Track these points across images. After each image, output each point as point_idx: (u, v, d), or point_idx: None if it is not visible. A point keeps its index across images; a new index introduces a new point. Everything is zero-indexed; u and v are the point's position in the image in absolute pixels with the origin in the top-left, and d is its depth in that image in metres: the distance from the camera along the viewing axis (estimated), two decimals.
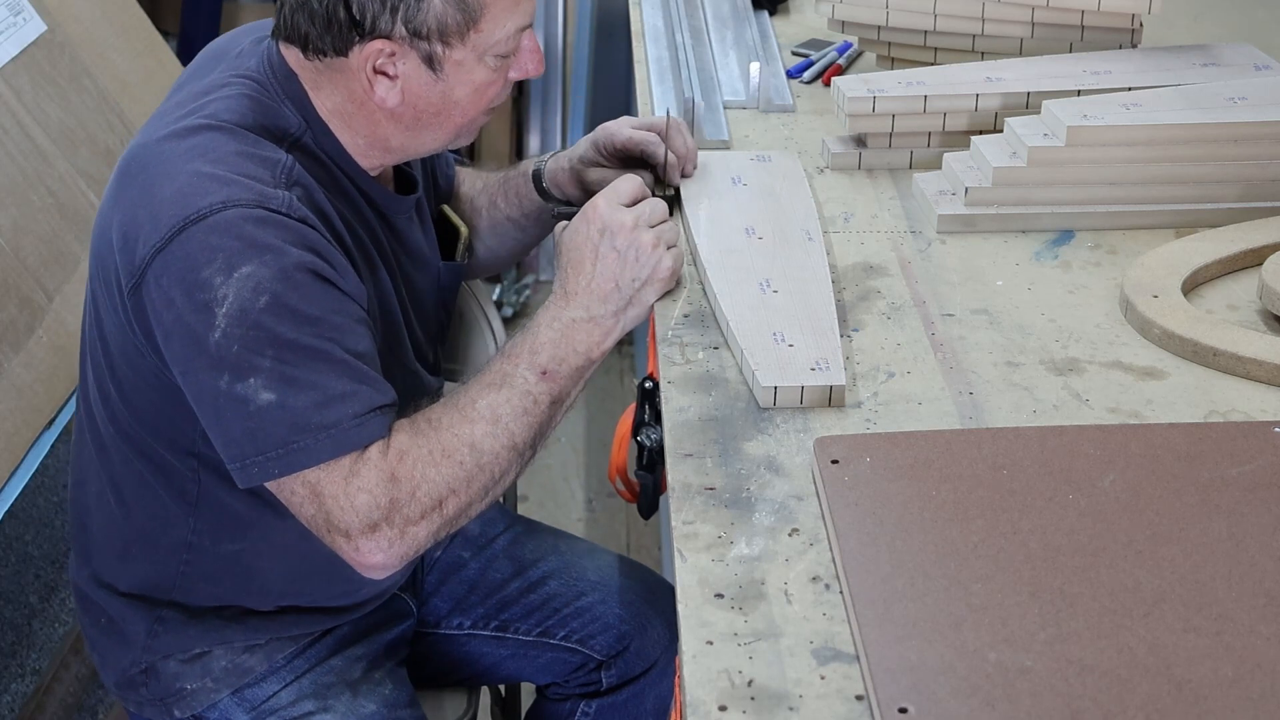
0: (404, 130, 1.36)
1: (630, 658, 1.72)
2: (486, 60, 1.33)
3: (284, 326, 1.21)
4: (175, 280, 1.22)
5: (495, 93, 1.37)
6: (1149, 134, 1.49)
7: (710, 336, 1.33)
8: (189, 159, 1.27)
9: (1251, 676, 0.88)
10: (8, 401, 1.82)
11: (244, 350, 1.21)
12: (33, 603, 2.21)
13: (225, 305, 1.20)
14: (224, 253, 1.21)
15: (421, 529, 1.26)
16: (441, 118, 1.36)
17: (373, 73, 1.31)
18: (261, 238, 1.22)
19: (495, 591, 1.71)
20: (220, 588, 1.45)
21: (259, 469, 1.23)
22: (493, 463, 1.29)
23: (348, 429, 1.23)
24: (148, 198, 1.26)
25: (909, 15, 1.85)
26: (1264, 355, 1.25)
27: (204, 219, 1.22)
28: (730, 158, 1.65)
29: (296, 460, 1.23)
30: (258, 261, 1.21)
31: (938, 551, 0.99)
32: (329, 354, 1.23)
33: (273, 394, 1.21)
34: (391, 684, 1.54)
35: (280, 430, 1.22)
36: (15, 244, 1.96)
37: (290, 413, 1.21)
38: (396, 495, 1.24)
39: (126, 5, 2.58)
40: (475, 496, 1.29)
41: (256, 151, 1.29)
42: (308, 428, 1.22)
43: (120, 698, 1.53)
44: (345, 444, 1.23)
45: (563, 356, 1.32)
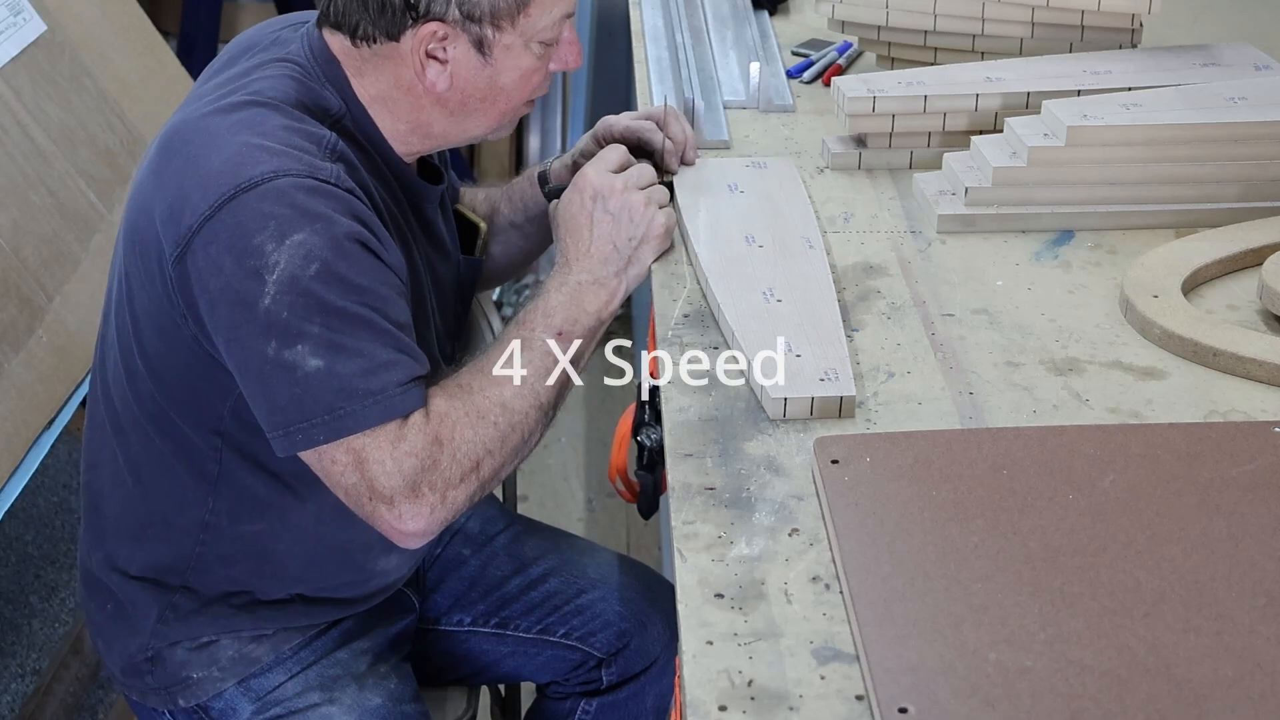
0: (449, 116, 1.39)
1: (630, 655, 1.72)
2: (532, 47, 1.35)
3: (333, 294, 1.23)
4: (225, 247, 1.23)
5: (538, 81, 1.39)
6: (1149, 134, 1.49)
7: (710, 336, 1.33)
8: (236, 131, 1.28)
9: (1251, 676, 0.88)
10: (8, 401, 1.82)
11: (293, 317, 1.22)
12: (33, 603, 2.21)
13: (276, 272, 1.22)
14: (276, 220, 1.23)
15: (460, 492, 1.28)
16: (487, 104, 1.38)
17: (425, 56, 1.33)
18: (313, 206, 1.24)
19: (495, 588, 1.71)
20: (234, 570, 1.46)
21: (303, 435, 1.25)
22: (523, 422, 1.32)
23: (393, 395, 1.25)
24: (195, 168, 1.27)
25: (909, 15, 1.85)
26: (1264, 355, 1.25)
27: (255, 187, 1.24)
28: (726, 164, 1.65)
29: (343, 425, 1.24)
30: (309, 229, 1.23)
31: (938, 551, 0.99)
32: (374, 323, 1.25)
33: (321, 360, 1.23)
34: (397, 678, 1.55)
35: (327, 396, 1.23)
36: (15, 244, 1.96)
37: (338, 379, 1.23)
38: (439, 458, 1.27)
39: (126, 5, 2.58)
40: (508, 457, 1.32)
41: (302, 126, 1.31)
42: (355, 394, 1.24)
43: (124, 686, 1.53)
44: (391, 410, 1.25)
45: (575, 318, 1.36)
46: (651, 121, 1.58)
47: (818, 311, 1.33)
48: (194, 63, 3.33)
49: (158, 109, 2.45)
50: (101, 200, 2.21)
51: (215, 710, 1.50)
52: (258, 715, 1.49)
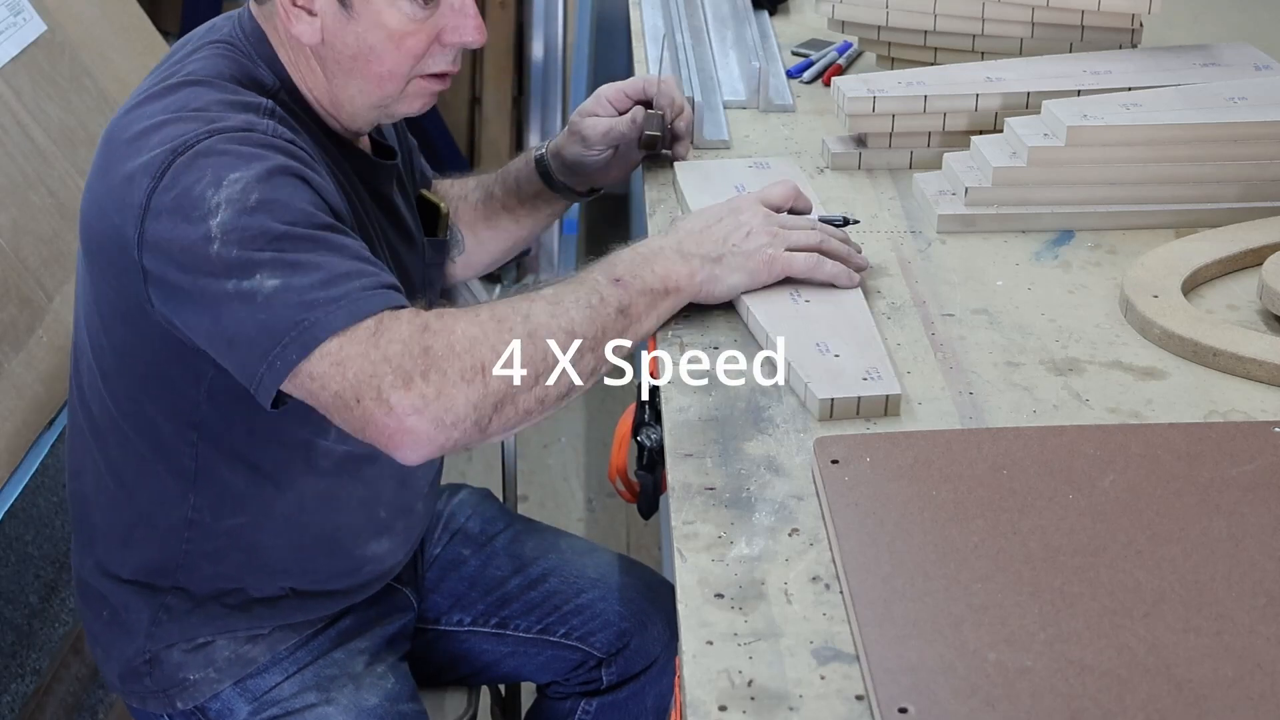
0: (331, 78, 1.36)
1: (630, 655, 1.72)
2: (400, 5, 1.31)
3: (277, 219, 1.21)
4: (172, 208, 1.23)
5: (418, 47, 1.34)
6: (1149, 134, 1.49)
7: (710, 336, 1.33)
8: (169, 111, 1.28)
9: (1251, 676, 0.88)
10: (8, 401, 1.82)
11: (242, 250, 1.20)
12: (33, 603, 2.21)
13: (219, 214, 1.20)
14: (213, 168, 1.22)
15: (460, 393, 1.16)
16: (360, 63, 1.34)
17: (292, 6, 1.32)
18: (246, 151, 1.24)
19: (495, 588, 1.71)
20: (223, 566, 1.45)
21: (280, 361, 1.18)
22: (546, 338, 1.20)
23: (358, 298, 1.19)
24: (135, 151, 1.27)
25: (909, 15, 1.85)
26: (1264, 355, 1.25)
27: (190, 148, 1.24)
28: (728, 165, 1.64)
29: (312, 336, 1.17)
30: (244, 168, 1.22)
31: (938, 551, 0.99)
32: (326, 240, 1.22)
33: (277, 279, 1.19)
34: (394, 678, 1.55)
35: (290, 311, 1.18)
36: (15, 244, 1.96)
37: (297, 292, 1.18)
38: (431, 344, 1.17)
39: (126, 5, 2.57)
40: (525, 380, 1.19)
41: (238, 98, 1.31)
42: (316, 303, 1.18)
43: (122, 692, 1.53)
44: (360, 310, 1.18)
45: (637, 272, 1.28)
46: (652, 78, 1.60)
47: (847, 312, 1.33)
48: None
49: None
50: None
51: (212, 711, 1.50)
52: (254, 716, 1.49)
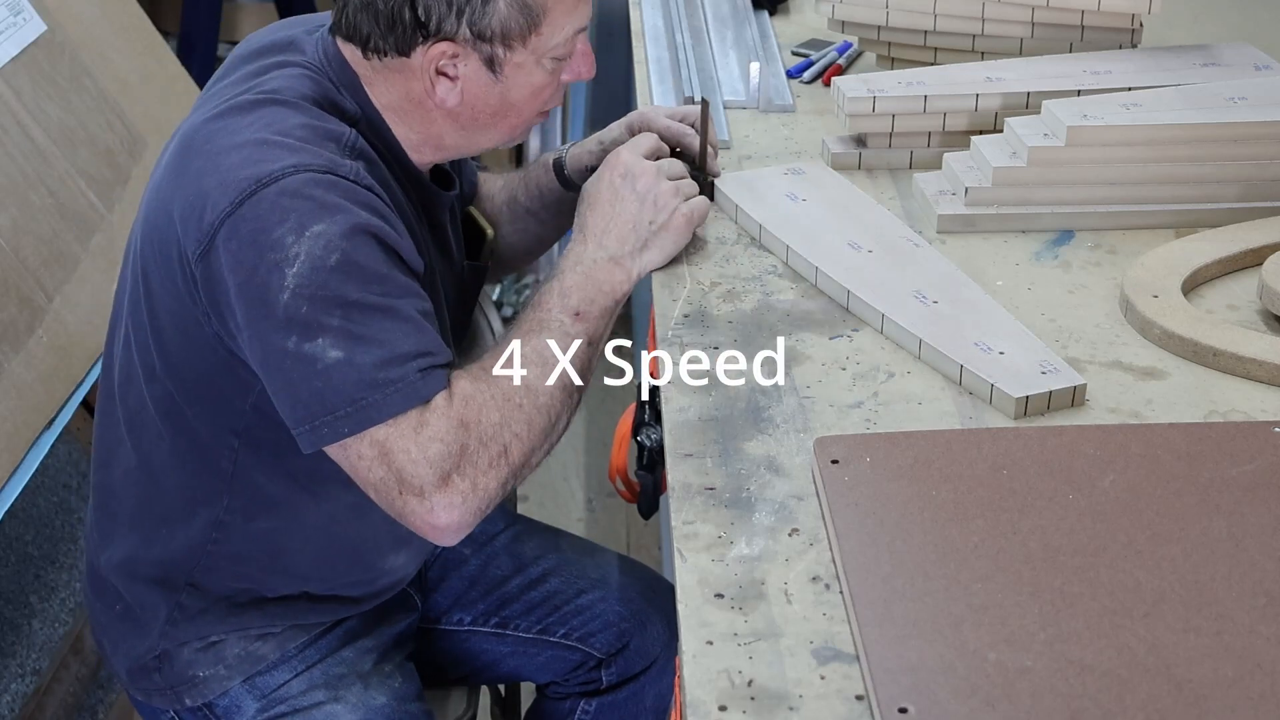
0: (459, 130, 1.39)
1: (630, 655, 1.72)
2: (544, 63, 1.35)
3: (352, 284, 1.23)
4: (247, 242, 1.23)
5: (549, 94, 1.39)
6: (1149, 134, 1.49)
7: (710, 337, 1.33)
8: (254, 129, 1.28)
9: (1251, 676, 0.88)
10: (8, 401, 1.82)
11: (313, 309, 1.22)
12: (33, 603, 2.21)
13: (296, 264, 1.22)
14: (296, 213, 1.23)
15: (492, 479, 1.26)
16: (498, 119, 1.38)
17: (435, 74, 1.33)
18: (332, 199, 1.25)
19: (496, 588, 1.71)
20: (244, 567, 1.46)
21: (328, 429, 1.24)
22: (549, 404, 1.30)
23: (413, 382, 1.24)
24: (214, 166, 1.27)
25: (909, 15, 1.85)
26: (1264, 355, 1.25)
27: (276, 181, 1.24)
28: (766, 175, 1.61)
29: (366, 416, 1.23)
30: (329, 220, 1.23)
31: (938, 551, 0.99)
32: (395, 311, 1.25)
33: (340, 352, 1.22)
34: (401, 677, 1.55)
35: (348, 387, 1.23)
36: (15, 244, 1.96)
37: (358, 370, 1.23)
38: (467, 442, 1.25)
39: (126, 5, 2.58)
40: (536, 442, 1.30)
41: (321, 124, 1.31)
42: (376, 383, 1.23)
43: (130, 687, 1.52)
44: (412, 397, 1.24)
45: (591, 297, 1.35)
46: (689, 125, 1.56)
47: (981, 309, 1.33)
48: (194, 63, 3.34)
49: (158, 109, 2.45)
50: (101, 200, 2.21)
51: (220, 708, 1.50)
52: (263, 713, 1.49)
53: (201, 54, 3.55)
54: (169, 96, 2.50)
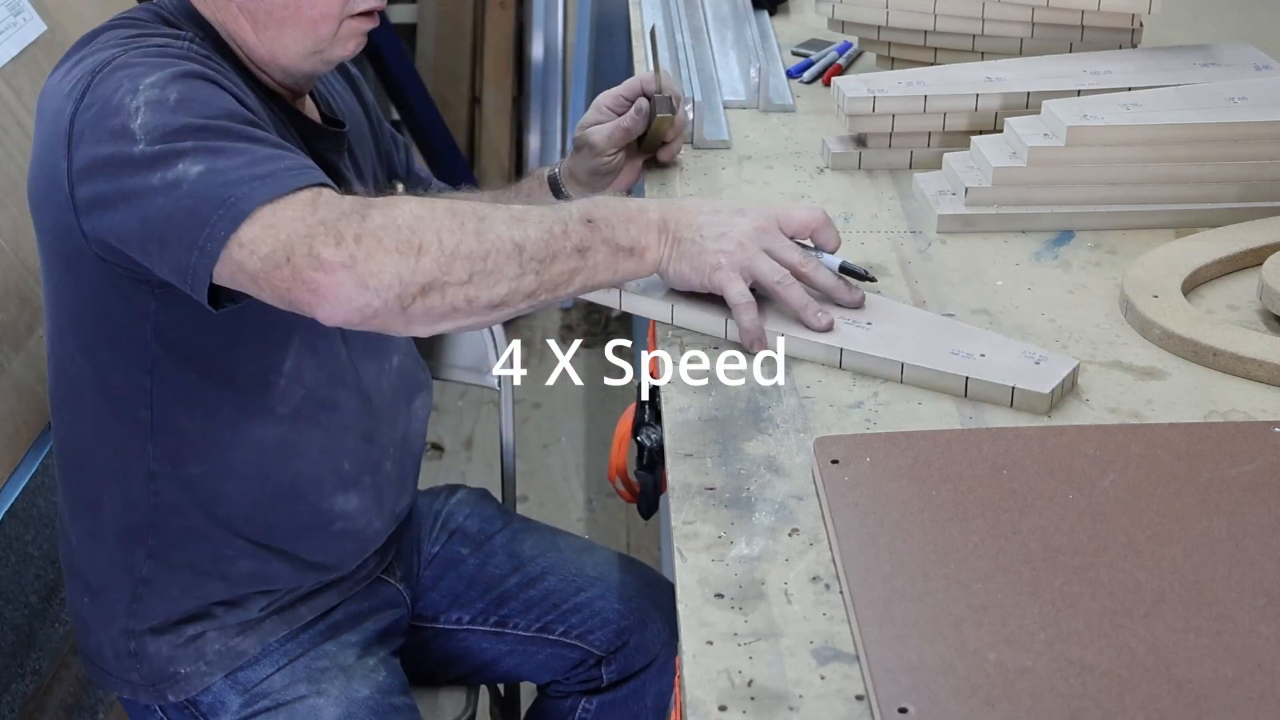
0: (261, 30, 1.36)
1: (630, 653, 1.72)
2: None
3: (196, 113, 1.22)
4: (94, 123, 1.24)
5: None
6: (1149, 134, 1.49)
7: (711, 336, 1.33)
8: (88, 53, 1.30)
9: (1251, 676, 0.88)
10: (8, 401, 1.82)
11: (165, 144, 1.20)
12: (33, 603, 2.21)
13: (140, 116, 1.21)
14: (129, 76, 1.24)
15: (391, 262, 1.13)
16: (290, 10, 1.34)
17: None
18: (163, 61, 1.26)
19: (494, 587, 1.71)
20: (188, 519, 1.44)
21: (210, 243, 1.16)
22: (493, 244, 1.17)
23: (287, 174, 1.18)
24: (58, 93, 1.29)
25: (909, 15, 1.85)
26: (1264, 355, 1.25)
27: (107, 65, 1.26)
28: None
29: (239, 209, 1.16)
30: (160, 70, 1.24)
31: (938, 551, 0.99)
32: (249, 134, 1.23)
33: (200, 165, 1.19)
34: (385, 671, 1.54)
35: (217, 190, 1.17)
36: (15, 244, 1.96)
37: (222, 173, 1.18)
38: (368, 213, 1.15)
39: (126, 6, 2.58)
40: (456, 269, 1.15)
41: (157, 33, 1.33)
42: (244, 180, 1.17)
43: (115, 687, 1.52)
44: (290, 183, 1.17)
45: (612, 222, 1.24)
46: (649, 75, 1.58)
47: (917, 320, 1.30)
48: None
49: None
50: None
51: (204, 704, 1.49)
52: (246, 708, 1.49)
53: None
54: None
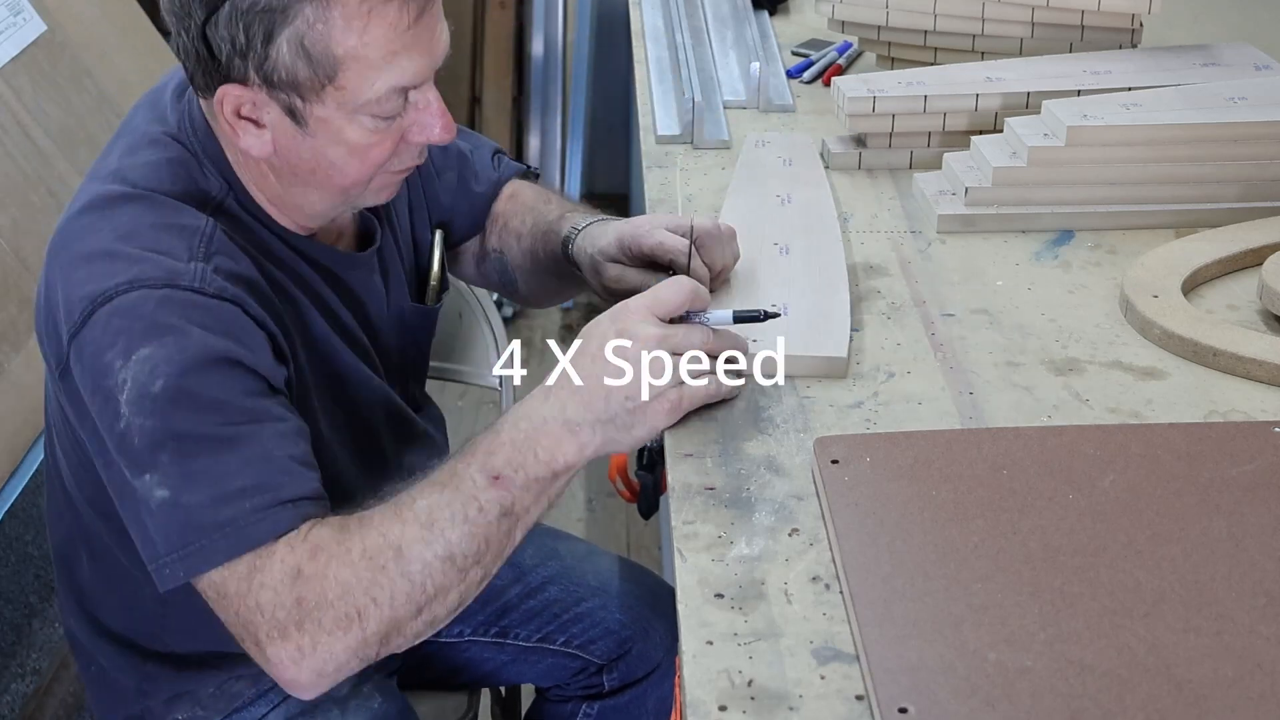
0: (286, 185, 1.27)
1: (632, 661, 1.72)
2: (361, 120, 1.20)
3: (181, 414, 1.14)
4: (87, 368, 1.17)
5: (382, 155, 1.23)
6: (1149, 134, 1.49)
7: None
8: (102, 237, 1.20)
9: (1251, 676, 0.88)
10: (8, 401, 1.82)
11: (143, 442, 1.14)
12: (33, 603, 2.21)
13: (125, 392, 1.14)
14: (125, 335, 1.15)
15: (338, 642, 1.12)
16: (320, 176, 1.24)
17: (236, 118, 1.20)
18: (163, 318, 1.15)
19: (495, 598, 1.70)
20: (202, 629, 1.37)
21: (169, 570, 1.15)
22: (423, 574, 1.12)
23: (244, 526, 1.12)
24: (64, 279, 1.20)
25: (909, 15, 1.85)
26: (1264, 355, 1.25)
27: (109, 300, 1.16)
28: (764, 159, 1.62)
29: (195, 563, 1.13)
30: (156, 343, 1.14)
31: (938, 551, 0.99)
32: (233, 442, 1.14)
33: (167, 490, 1.13)
34: (380, 697, 1.52)
35: (175, 531, 1.13)
36: (15, 244, 1.96)
37: (184, 511, 1.13)
38: (303, 594, 1.11)
39: (126, 5, 2.58)
40: (404, 614, 1.13)
41: (175, 221, 1.21)
42: (203, 527, 1.12)
43: None
44: (243, 541, 1.12)
45: (520, 462, 1.14)
46: (686, 241, 1.33)
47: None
48: None
49: None
50: None
51: None
52: None
53: None
54: None
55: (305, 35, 1.15)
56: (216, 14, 1.15)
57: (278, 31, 1.15)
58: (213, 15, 1.16)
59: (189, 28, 1.18)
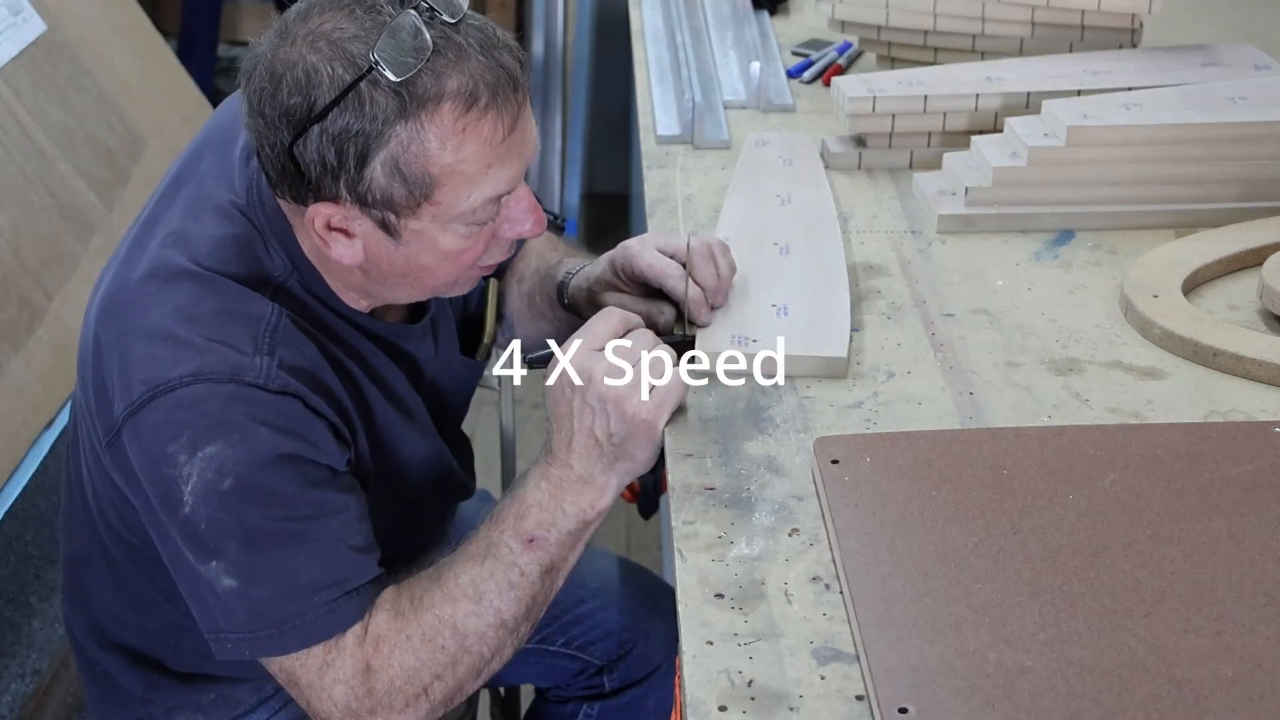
0: (375, 284, 1.26)
1: (632, 662, 1.71)
2: (455, 228, 1.19)
3: (249, 510, 1.15)
4: (145, 450, 1.17)
5: (473, 256, 1.23)
6: (1149, 134, 1.49)
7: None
8: (167, 315, 1.19)
9: (1251, 676, 0.88)
10: (8, 401, 1.82)
11: (210, 531, 1.15)
12: (33, 603, 2.21)
13: (190, 484, 1.14)
14: (190, 429, 1.14)
15: (409, 718, 1.20)
16: (411, 278, 1.24)
17: (327, 230, 1.19)
18: (229, 417, 1.15)
19: None
20: (212, 662, 1.37)
21: (231, 645, 1.19)
22: (479, 644, 1.20)
23: (314, 620, 1.16)
24: (121, 349, 1.19)
25: (909, 15, 1.85)
26: (1264, 355, 1.25)
27: (172, 391, 1.15)
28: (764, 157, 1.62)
29: (264, 647, 1.18)
30: (223, 441, 1.14)
31: (938, 551, 0.99)
32: (300, 536, 1.16)
33: (234, 581, 1.15)
34: None
35: (243, 617, 1.17)
36: (15, 244, 1.96)
37: (253, 603, 1.16)
38: (374, 686, 1.18)
39: (126, 5, 2.58)
40: (465, 678, 1.21)
41: (238, 308, 1.20)
42: (272, 620, 1.16)
43: None
44: (313, 635, 1.17)
45: (551, 521, 1.20)
46: (677, 264, 1.33)
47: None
48: (194, 63, 3.34)
49: (158, 109, 2.45)
50: (101, 200, 2.21)
51: None
52: None
53: (201, 54, 3.55)
54: (169, 96, 2.50)
55: (400, 157, 1.13)
56: (305, 136, 1.13)
57: (372, 154, 1.13)
58: (301, 137, 1.13)
59: (274, 145, 1.16)
